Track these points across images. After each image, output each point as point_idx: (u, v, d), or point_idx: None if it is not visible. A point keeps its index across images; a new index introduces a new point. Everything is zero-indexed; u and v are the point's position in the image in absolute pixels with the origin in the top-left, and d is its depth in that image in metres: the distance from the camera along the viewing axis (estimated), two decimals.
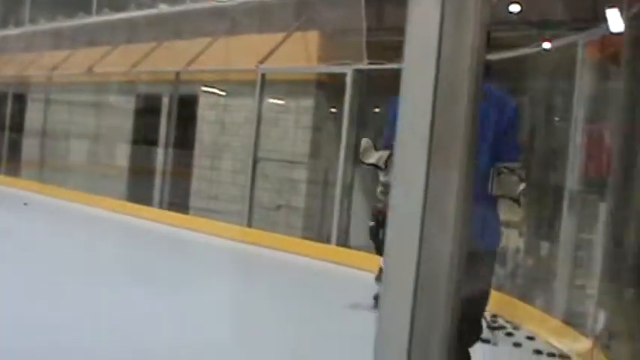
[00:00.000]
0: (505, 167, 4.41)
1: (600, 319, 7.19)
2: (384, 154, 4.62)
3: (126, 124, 19.41)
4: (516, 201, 4.51)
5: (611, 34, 7.82)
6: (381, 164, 4.68)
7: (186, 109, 17.52)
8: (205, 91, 17.17)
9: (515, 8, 11.04)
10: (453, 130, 1.67)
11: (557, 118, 9.95)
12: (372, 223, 9.21)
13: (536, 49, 9.67)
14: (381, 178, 4.89)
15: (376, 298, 9.11)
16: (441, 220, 1.70)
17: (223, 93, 16.78)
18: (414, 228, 1.70)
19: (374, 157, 4.75)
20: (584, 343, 7.31)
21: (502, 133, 4.49)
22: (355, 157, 13.49)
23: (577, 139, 8.67)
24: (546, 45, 9.59)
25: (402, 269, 1.73)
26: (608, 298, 7.21)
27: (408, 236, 1.71)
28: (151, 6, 18.95)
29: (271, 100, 15.43)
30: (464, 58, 1.62)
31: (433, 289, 1.71)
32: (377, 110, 13.75)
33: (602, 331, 7.06)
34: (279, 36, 15.15)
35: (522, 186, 4.46)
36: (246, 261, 12.68)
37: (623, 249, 7.00)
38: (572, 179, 8.66)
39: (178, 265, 11.41)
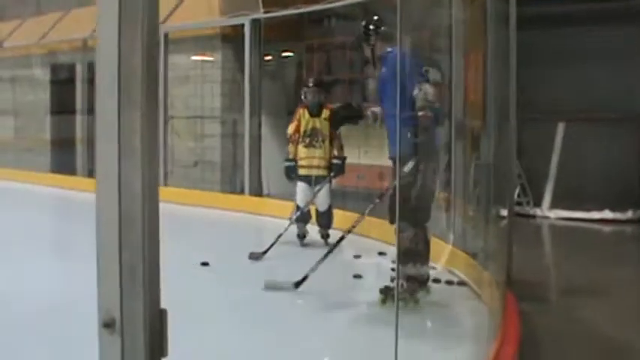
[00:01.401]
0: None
1: (478, 241, 7.43)
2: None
3: (44, 95, 19.29)
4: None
5: None
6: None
7: None
8: None
9: None
10: (134, 75, 1.87)
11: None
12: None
13: None
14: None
15: (299, 235, 9.86)
16: (132, 160, 1.86)
17: None
18: (113, 169, 1.86)
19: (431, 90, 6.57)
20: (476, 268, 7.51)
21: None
22: (259, 106, 13.63)
23: (458, 69, 8.79)
24: None
25: (109, 207, 1.88)
26: (482, 220, 7.41)
27: (110, 177, 1.87)
28: None
29: (180, 57, 15.38)
30: (137, 21, 1.86)
31: (133, 223, 1.86)
32: (268, 59, 13.87)
33: (480, 251, 7.30)
34: None
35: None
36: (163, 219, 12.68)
37: (490, 173, 7.20)
38: (457, 108, 8.77)
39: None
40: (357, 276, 7.87)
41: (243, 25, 13.69)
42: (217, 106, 14.85)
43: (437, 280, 7.45)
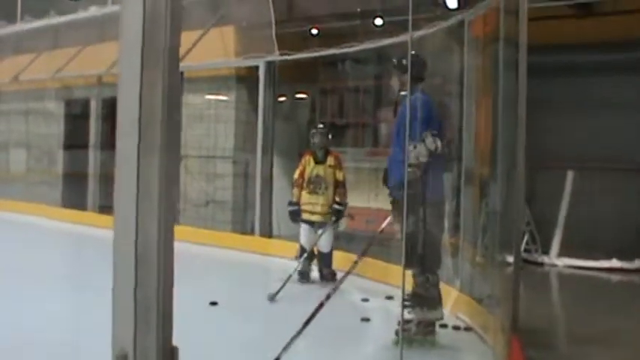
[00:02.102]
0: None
1: (484, 287, 7.46)
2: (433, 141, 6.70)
3: (57, 129, 19.42)
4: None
5: (492, 10, 7.99)
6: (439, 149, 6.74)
7: (115, 110, 17.52)
8: None
9: None
10: (154, 118, 1.93)
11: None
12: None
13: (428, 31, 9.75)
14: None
15: (301, 273, 10.07)
16: (149, 202, 1.92)
17: None
18: (131, 211, 1.93)
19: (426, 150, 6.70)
20: (483, 314, 7.54)
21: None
22: (272, 145, 13.67)
23: (469, 115, 8.87)
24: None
25: (125, 247, 1.95)
26: (489, 267, 7.45)
27: (128, 219, 1.94)
28: (72, 11, 18.90)
29: (194, 96, 15.48)
30: (159, 62, 1.92)
31: (149, 263, 1.93)
32: (281, 100, 13.95)
33: (487, 297, 7.33)
34: (198, 33, 15.24)
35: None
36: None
37: (496, 221, 7.27)
38: (467, 154, 8.84)
39: (104, 266, 11.49)
40: (365, 319, 7.91)
41: (257, 67, 13.80)
42: (230, 146, 14.95)
43: (444, 325, 7.50)
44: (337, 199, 10.24)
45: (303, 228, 10.35)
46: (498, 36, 7.49)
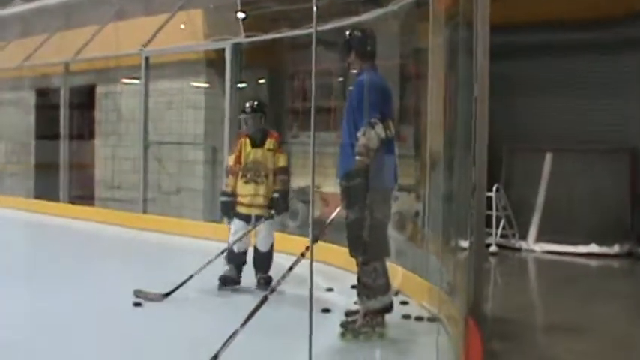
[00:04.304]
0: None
1: (444, 275, 7.19)
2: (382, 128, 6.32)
3: (29, 119, 19.15)
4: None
5: None
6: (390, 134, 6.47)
7: (85, 98, 17.30)
8: (100, 79, 16.95)
9: None
10: None
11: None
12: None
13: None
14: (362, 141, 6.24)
15: (221, 279, 8.72)
16: None
17: (130, 80, 16.42)
18: None
19: (376, 137, 6.26)
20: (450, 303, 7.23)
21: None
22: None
23: (435, 97, 8.52)
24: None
25: None
26: (446, 254, 7.21)
27: None
28: None
29: (164, 82, 15.18)
30: None
31: None
32: (241, 85, 13.63)
33: (446, 285, 7.07)
34: (165, 17, 14.95)
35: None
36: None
37: (452, 205, 7.01)
38: (435, 138, 8.50)
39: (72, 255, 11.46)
40: (326, 310, 7.54)
41: (224, 50, 13.49)
42: (200, 133, 14.67)
43: (407, 316, 7.32)
44: (277, 187, 8.67)
45: (236, 224, 8.72)
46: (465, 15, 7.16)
